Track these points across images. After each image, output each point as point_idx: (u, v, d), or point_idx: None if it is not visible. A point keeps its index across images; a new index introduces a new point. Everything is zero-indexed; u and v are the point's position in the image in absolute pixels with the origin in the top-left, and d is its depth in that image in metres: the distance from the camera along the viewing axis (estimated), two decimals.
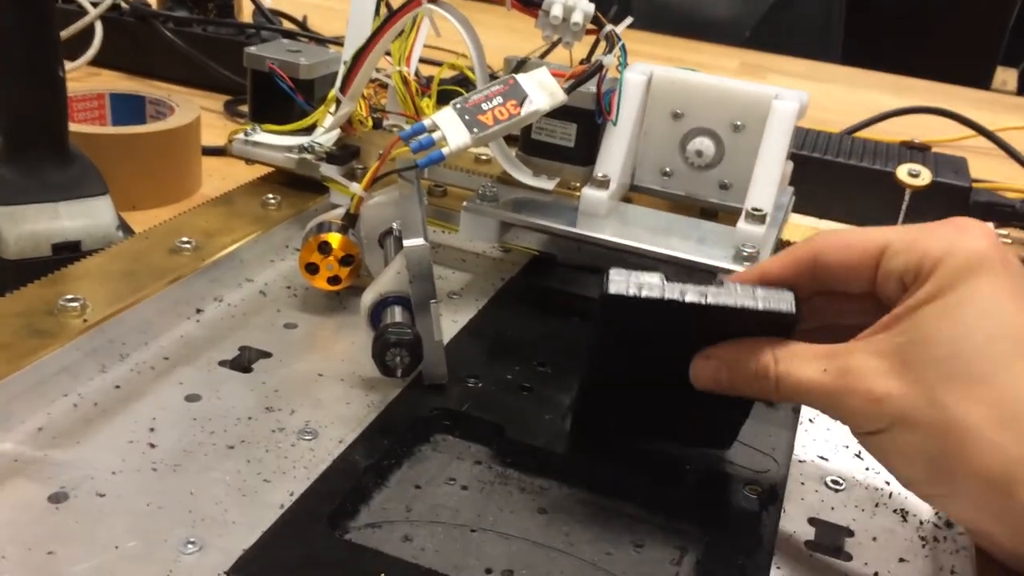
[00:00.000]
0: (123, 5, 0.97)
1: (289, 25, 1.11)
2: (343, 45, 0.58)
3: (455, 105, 0.47)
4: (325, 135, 0.58)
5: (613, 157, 0.55)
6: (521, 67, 0.55)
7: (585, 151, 0.57)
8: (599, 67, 0.51)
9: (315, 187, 0.59)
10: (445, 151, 0.46)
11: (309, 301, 0.52)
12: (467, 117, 0.47)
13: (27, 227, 0.52)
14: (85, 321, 0.43)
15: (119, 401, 0.42)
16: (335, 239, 0.50)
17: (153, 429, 0.41)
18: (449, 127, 0.46)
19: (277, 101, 0.60)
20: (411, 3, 0.52)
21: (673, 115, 0.56)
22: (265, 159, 0.59)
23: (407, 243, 0.44)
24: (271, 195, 0.57)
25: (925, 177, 0.70)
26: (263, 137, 0.59)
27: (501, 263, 0.60)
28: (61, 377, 0.42)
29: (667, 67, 0.57)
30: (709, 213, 0.58)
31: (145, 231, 0.52)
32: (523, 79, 0.48)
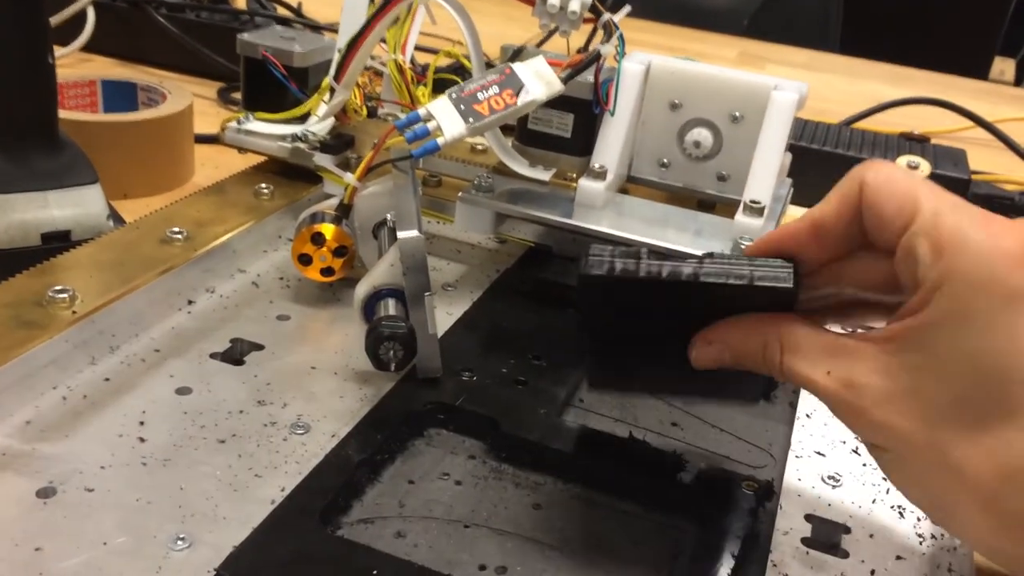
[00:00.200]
0: None
1: (284, 11, 1.09)
2: (338, 32, 0.57)
3: (451, 94, 0.46)
4: (319, 124, 0.58)
5: (610, 148, 0.54)
6: (518, 56, 0.55)
7: (582, 141, 0.57)
8: (596, 56, 0.50)
9: (309, 177, 0.58)
10: (440, 141, 0.46)
11: (302, 292, 0.52)
12: (463, 106, 0.46)
13: (16, 216, 0.51)
14: (74, 312, 0.42)
15: (109, 394, 0.42)
16: (328, 230, 0.49)
17: (143, 423, 0.40)
18: (444, 116, 0.46)
19: (271, 89, 0.59)
20: None
21: (671, 105, 0.56)
22: (258, 148, 0.59)
23: (401, 235, 0.43)
24: (264, 184, 0.57)
25: (924, 169, 0.70)
26: (256, 125, 0.59)
27: (496, 254, 0.59)
28: (50, 369, 0.41)
29: (665, 57, 0.56)
30: (707, 205, 0.57)
31: (136, 221, 0.51)
32: (520, 68, 0.48)
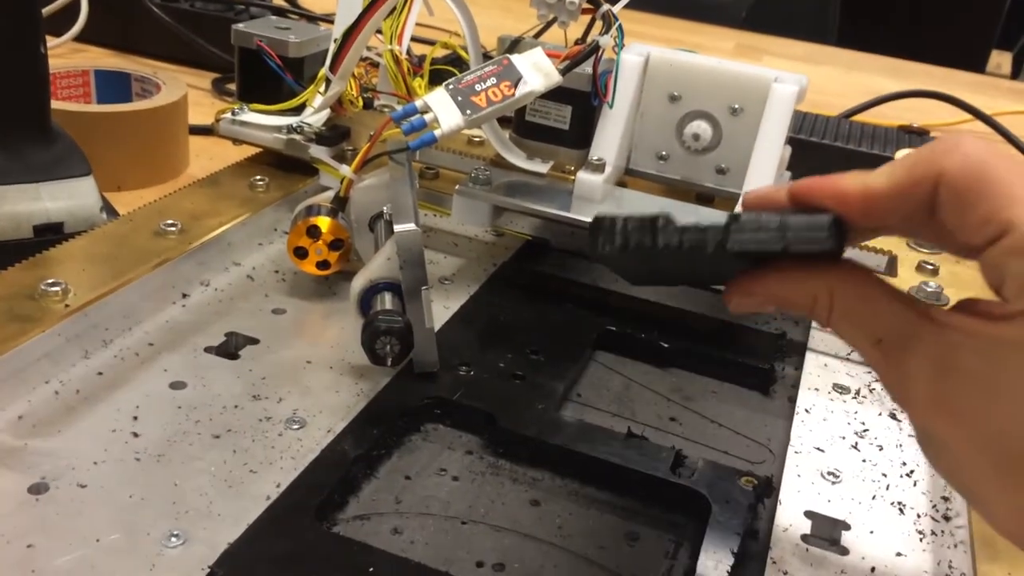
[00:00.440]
0: None
1: (279, 1, 1.09)
2: (334, 23, 0.57)
3: (448, 86, 0.46)
4: (315, 115, 0.57)
5: (609, 140, 0.54)
6: (515, 47, 0.54)
7: (580, 134, 0.56)
8: (595, 48, 0.50)
9: (304, 169, 0.58)
10: (437, 133, 0.45)
11: (298, 286, 0.51)
12: (460, 98, 0.46)
13: (7, 208, 0.50)
14: (67, 306, 0.42)
15: (102, 388, 0.41)
16: (324, 223, 0.49)
17: (136, 418, 0.40)
18: (441, 108, 0.45)
19: (266, 80, 0.59)
20: None
21: (670, 98, 0.55)
22: (253, 139, 0.58)
23: (398, 228, 0.43)
24: (259, 176, 0.56)
25: None
26: (251, 117, 0.58)
27: (494, 248, 0.59)
28: (42, 363, 0.41)
29: (664, 48, 0.56)
30: (705, 198, 0.57)
31: (130, 213, 0.51)
32: (517, 59, 0.47)
